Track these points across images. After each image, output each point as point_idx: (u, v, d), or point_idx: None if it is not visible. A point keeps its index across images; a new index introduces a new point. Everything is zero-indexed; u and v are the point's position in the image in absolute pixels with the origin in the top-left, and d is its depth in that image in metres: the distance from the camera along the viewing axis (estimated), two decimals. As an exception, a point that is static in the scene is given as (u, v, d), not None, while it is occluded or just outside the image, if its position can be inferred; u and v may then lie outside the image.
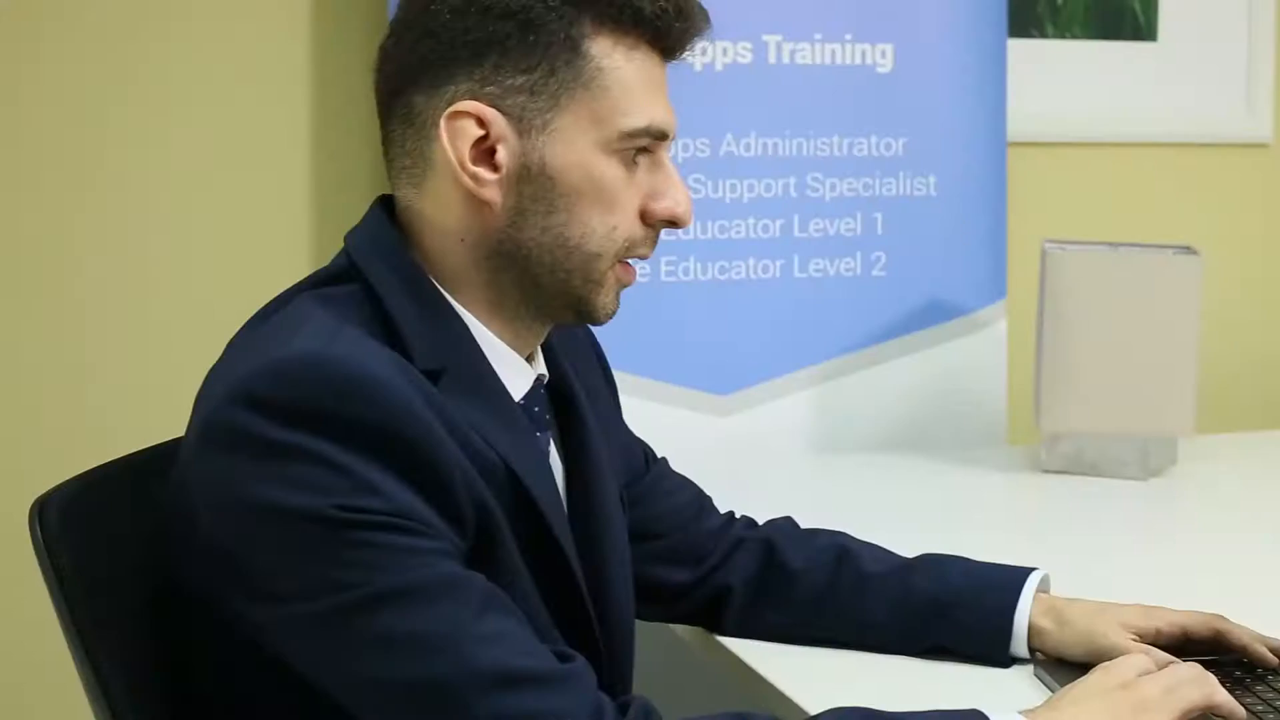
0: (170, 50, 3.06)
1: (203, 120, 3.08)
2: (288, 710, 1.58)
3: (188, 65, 3.07)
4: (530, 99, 1.62)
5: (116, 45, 3.03)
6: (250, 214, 3.12)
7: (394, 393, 1.50)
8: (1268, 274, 3.89)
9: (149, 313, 3.08)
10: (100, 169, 3.04)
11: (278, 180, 3.13)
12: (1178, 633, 1.92)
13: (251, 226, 3.12)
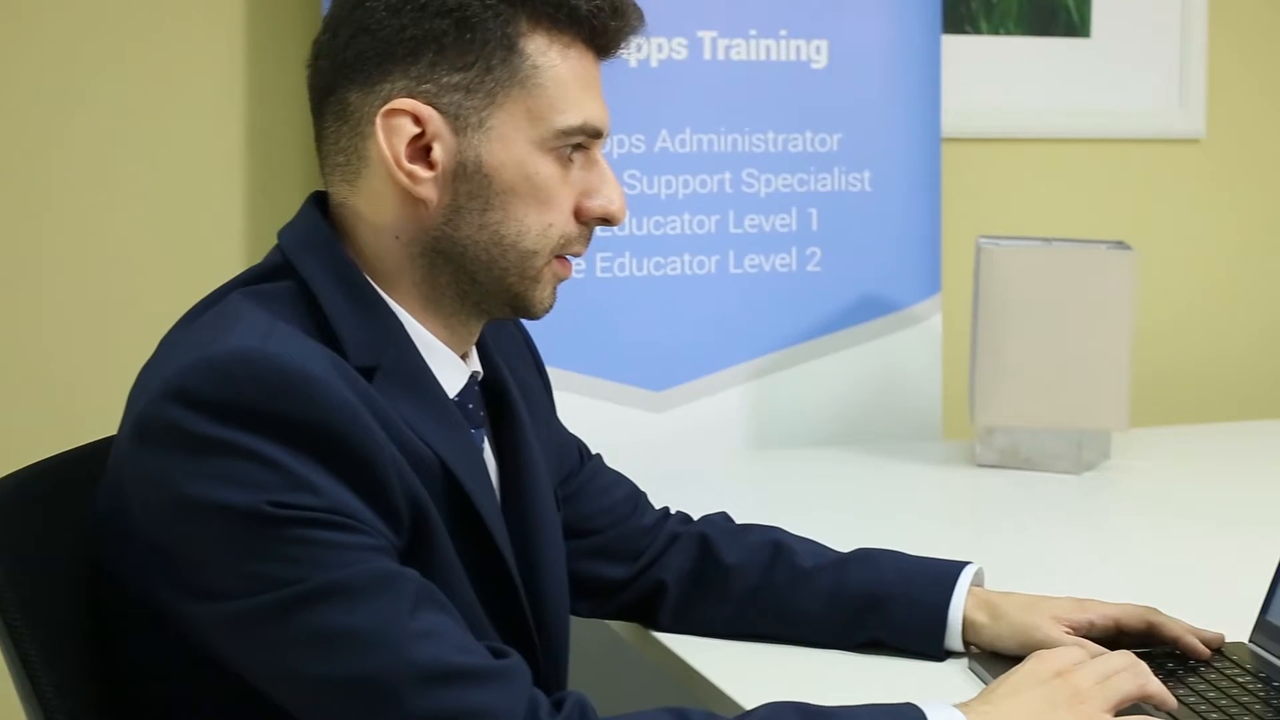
0: (104, 45, 3.04)
1: (136, 116, 3.07)
2: (223, 708, 1.57)
3: (122, 61, 3.06)
4: (466, 97, 1.62)
5: (52, 40, 3.01)
6: (184, 210, 3.11)
7: (328, 389, 1.49)
8: (1201, 269, 3.92)
9: (81, 310, 3.06)
10: (33, 167, 3.02)
11: (211, 176, 3.12)
12: (1110, 625, 1.93)
13: (185, 223, 3.11)
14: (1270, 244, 3.97)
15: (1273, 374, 3.98)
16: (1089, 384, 2.95)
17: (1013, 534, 2.61)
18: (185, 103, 3.10)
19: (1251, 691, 1.81)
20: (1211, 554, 2.47)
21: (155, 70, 3.08)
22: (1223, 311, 3.95)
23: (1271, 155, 3.95)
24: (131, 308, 3.05)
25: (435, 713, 1.45)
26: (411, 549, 1.55)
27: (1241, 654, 1.93)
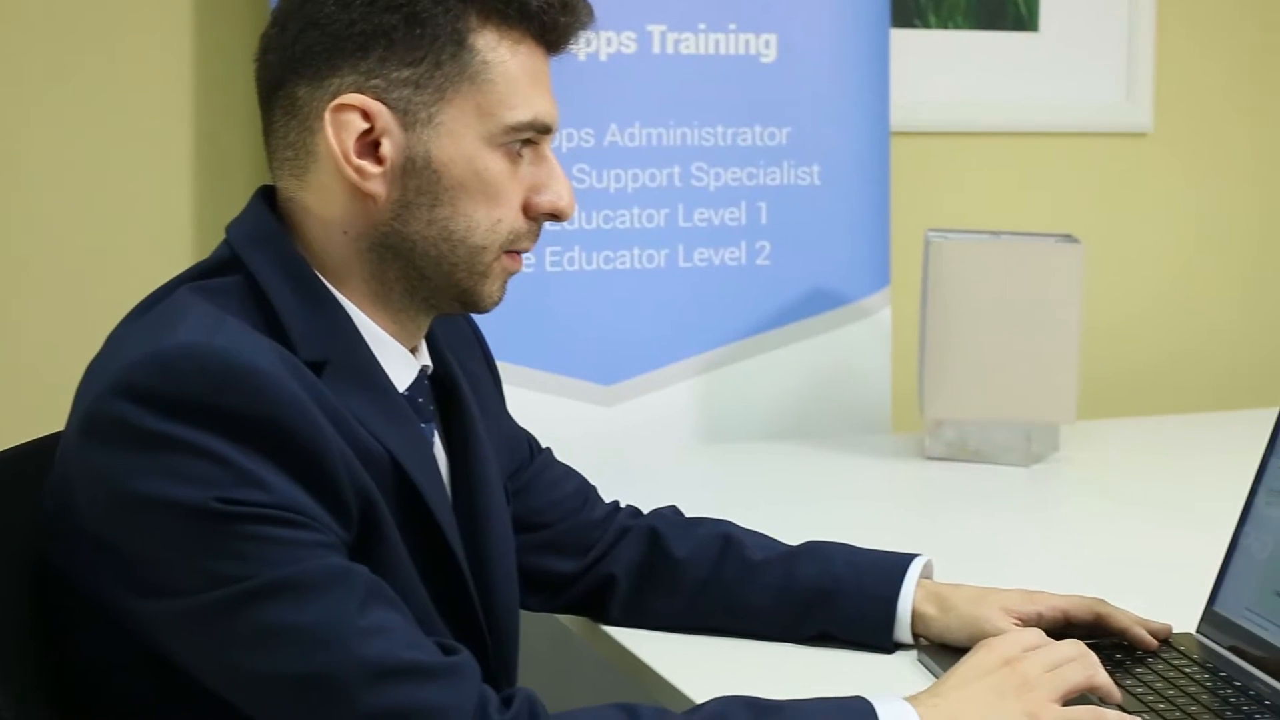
0: (52, 38, 3.03)
1: (84, 110, 3.06)
2: (174, 707, 1.57)
3: (70, 54, 3.04)
4: (415, 92, 1.62)
5: (-4, 34, 3.00)
6: (132, 205, 3.10)
7: (276, 384, 1.49)
8: (1149, 262, 3.94)
9: (29, 305, 3.05)
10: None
11: (160, 171, 3.11)
12: (1059, 616, 1.94)
13: (133, 217, 3.10)
14: (1217, 237, 3.99)
15: (1219, 367, 4.01)
16: (1037, 377, 2.96)
17: (962, 526, 2.62)
18: (134, 97, 3.09)
19: (1199, 682, 1.82)
20: (1159, 545, 2.49)
21: (103, 64, 3.07)
22: (1170, 304, 3.97)
23: (1219, 148, 3.97)
24: (79, 302, 3.04)
25: (385, 709, 1.45)
26: (361, 544, 1.55)
27: (1189, 645, 1.94)
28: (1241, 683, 1.82)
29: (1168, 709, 1.74)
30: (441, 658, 1.50)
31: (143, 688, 1.57)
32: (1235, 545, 1.96)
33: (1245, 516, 1.96)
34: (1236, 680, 1.82)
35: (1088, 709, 1.64)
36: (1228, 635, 1.92)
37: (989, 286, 2.95)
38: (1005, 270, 2.96)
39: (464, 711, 1.47)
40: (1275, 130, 4.02)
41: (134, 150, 3.09)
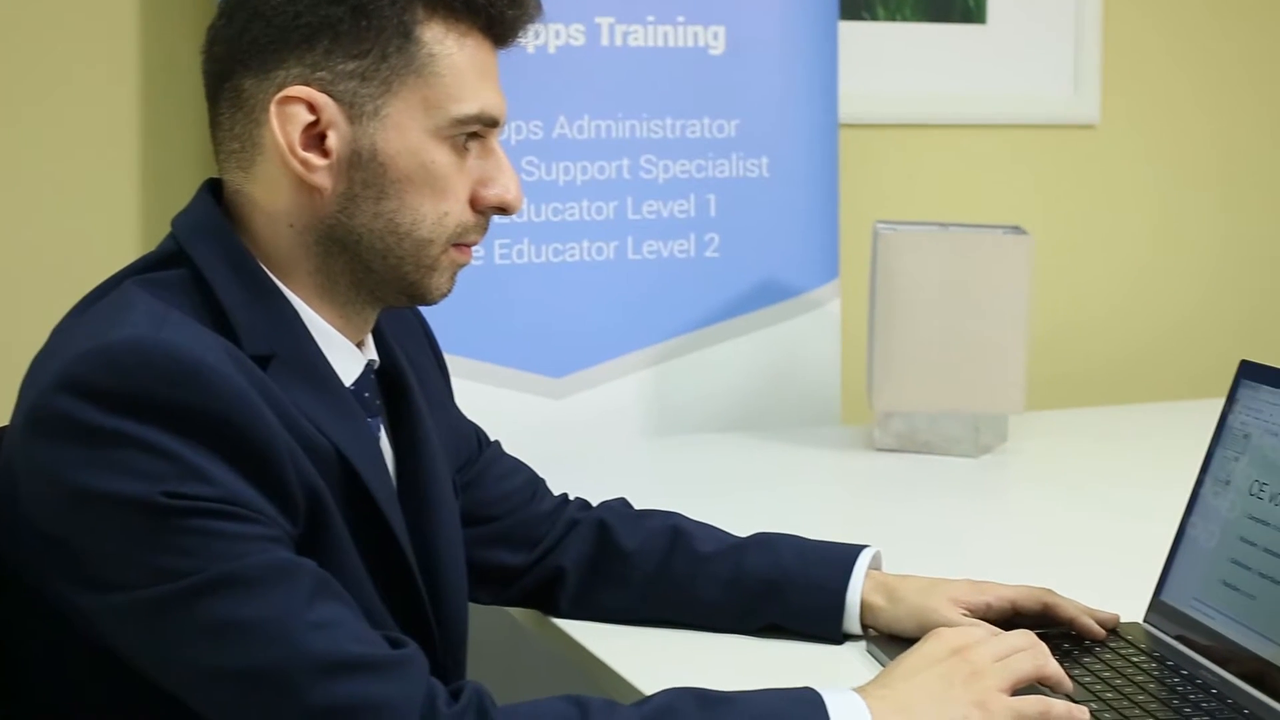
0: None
1: (29, 102, 3.04)
2: (120, 701, 1.56)
3: (14, 47, 3.03)
4: (361, 85, 1.61)
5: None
6: (78, 198, 3.08)
7: (222, 378, 1.48)
8: (1096, 254, 3.95)
9: (-25, 299, 3.03)
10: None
11: (106, 163, 3.10)
12: (1007, 607, 1.95)
13: (79, 211, 3.08)
14: (1163, 228, 4.01)
15: (1165, 357, 4.03)
16: (985, 368, 2.97)
17: (911, 517, 2.62)
18: (79, 89, 3.07)
19: (1146, 671, 1.83)
20: (1107, 535, 2.50)
21: (49, 56, 3.05)
22: (1117, 295, 3.99)
23: (1165, 140, 3.99)
24: (25, 296, 3.03)
25: (332, 704, 1.45)
26: (308, 539, 1.55)
27: (1136, 634, 1.95)
28: (1188, 671, 1.82)
29: (1115, 698, 1.74)
30: (389, 651, 1.50)
31: (90, 682, 1.57)
32: (1182, 535, 1.97)
33: (1192, 506, 1.97)
34: (1183, 669, 1.83)
35: (1035, 699, 1.64)
36: (1175, 624, 1.93)
37: (937, 278, 2.96)
38: (953, 262, 2.97)
39: (412, 705, 1.46)
40: (1221, 122, 4.04)
41: (80, 143, 3.08)
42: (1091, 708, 1.70)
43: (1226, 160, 4.06)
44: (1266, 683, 1.75)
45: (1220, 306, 4.09)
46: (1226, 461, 1.93)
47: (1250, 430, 1.90)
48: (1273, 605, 1.78)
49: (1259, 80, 4.07)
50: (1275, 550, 1.80)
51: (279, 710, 1.46)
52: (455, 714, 1.48)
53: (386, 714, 1.45)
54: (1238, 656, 1.81)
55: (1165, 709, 1.72)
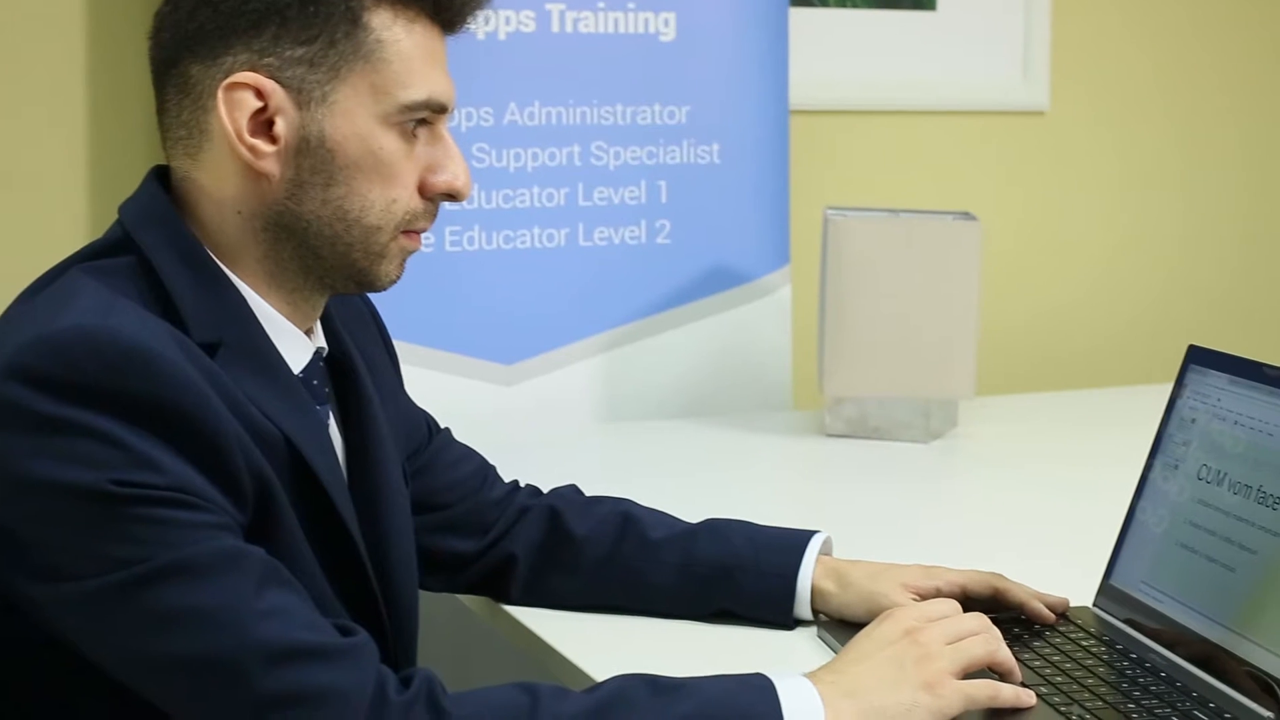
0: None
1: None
2: (71, 690, 1.55)
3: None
4: (309, 71, 1.60)
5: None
6: (25, 185, 3.07)
7: (169, 366, 1.48)
8: (1046, 239, 3.97)
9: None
10: None
11: (53, 150, 3.08)
12: (957, 592, 1.95)
13: (26, 197, 3.07)
14: (1112, 214, 4.02)
15: (1115, 342, 4.04)
16: (936, 353, 2.98)
17: (862, 503, 2.63)
18: (26, 75, 3.06)
19: (1095, 654, 1.84)
20: (1057, 519, 2.51)
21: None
22: (1066, 281, 4.00)
23: (1113, 127, 4.00)
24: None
25: (282, 692, 1.44)
26: (257, 527, 1.54)
27: (1086, 618, 1.95)
28: (1137, 655, 1.83)
29: (1064, 681, 1.75)
30: (339, 639, 1.49)
31: (40, 672, 1.56)
32: (1131, 519, 1.98)
33: (1140, 491, 1.97)
34: (1132, 653, 1.84)
35: (985, 683, 1.65)
36: (1124, 608, 1.94)
37: (888, 264, 2.97)
38: (904, 248, 2.97)
39: (362, 692, 1.46)
40: (1171, 108, 4.06)
41: (28, 129, 3.06)
42: (1040, 691, 1.71)
43: (1176, 146, 4.08)
44: (1214, 666, 1.76)
45: (1170, 293, 4.11)
46: (1175, 446, 1.94)
47: (1198, 415, 1.91)
48: (1221, 589, 1.79)
49: (1208, 66, 4.08)
50: (1223, 534, 1.81)
51: (229, 698, 1.45)
52: (405, 701, 1.48)
53: (336, 701, 1.45)
54: (1186, 640, 1.82)
55: (1114, 692, 1.73)
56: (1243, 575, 1.77)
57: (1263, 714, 1.67)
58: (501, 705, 1.51)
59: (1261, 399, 1.82)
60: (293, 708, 1.45)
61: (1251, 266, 4.20)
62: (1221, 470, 1.85)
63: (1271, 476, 1.77)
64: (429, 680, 1.51)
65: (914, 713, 1.60)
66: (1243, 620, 1.75)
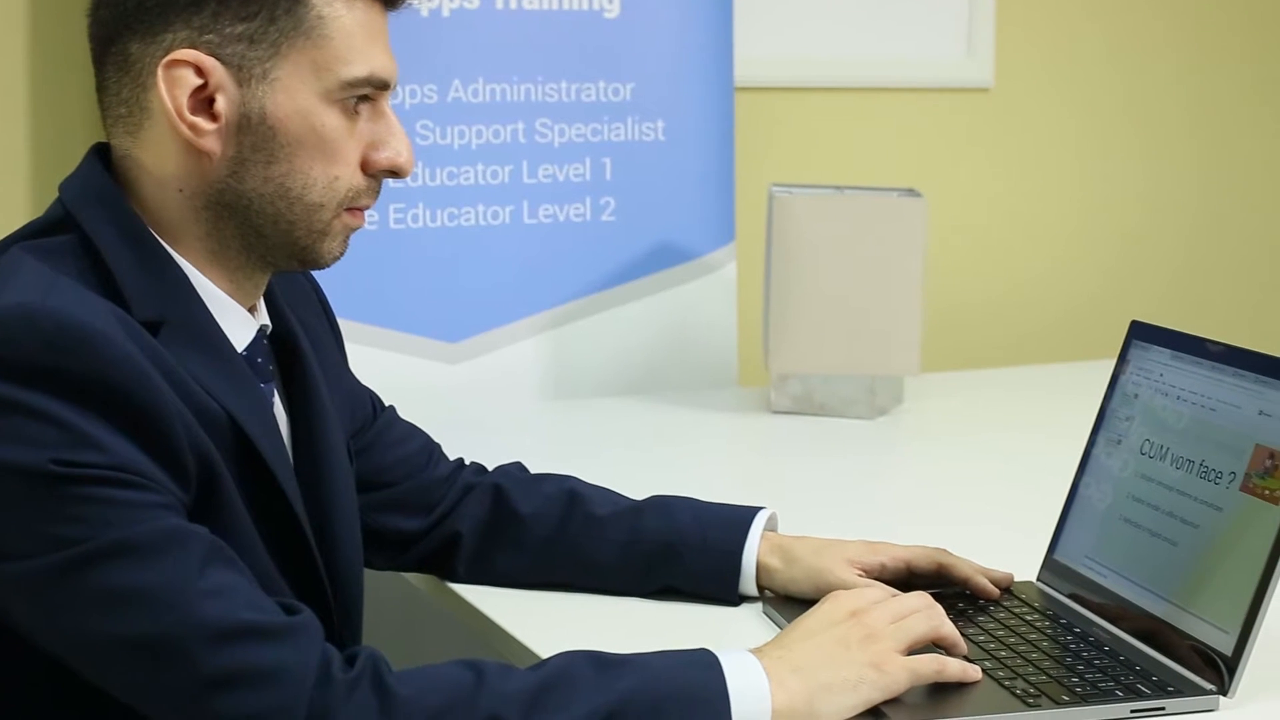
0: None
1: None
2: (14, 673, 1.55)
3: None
4: (250, 48, 1.59)
5: None
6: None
7: (111, 344, 1.47)
8: (990, 216, 3.98)
9: None
10: None
11: (-6, 129, 3.07)
12: (901, 567, 1.96)
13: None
14: (1056, 190, 4.04)
15: (1056, 317, 4.06)
16: (881, 330, 2.98)
17: (807, 479, 2.64)
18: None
19: (1039, 629, 1.84)
20: (1001, 495, 2.52)
21: (-66, 21, 3.02)
22: (1009, 256, 4.02)
23: (1057, 103, 4.01)
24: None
25: (226, 671, 1.44)
26: (200, 506, 1.54)
27: (1030, 593, 1.96)
28: (1081, 629, 1.84)
29: (1009, 656, 1.76)
30: (283, 617, 1.49)
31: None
32: (1074, 495, 1.99)
33: (1084, 466, 1.98)
34: (1076, 627, 1.85)
35: (931, 657, 1.66)
36: (1068, 583, 1.95)
37: (833, 241, 2.97)
38: (849, 225, 2.98)
39: (306, 670, 1.46)
40: (1116, 84, 4.07)
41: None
42: (985, 666, 1.72)
43: (1120, 121, 4.09)
44: (1157, 640, 1.77)
45: (1111, 266, 4.12)
46: (1118, 421, 1.95)
47: (1141, 390, 1.92)
48: (1163, 563, 1.80)
49: (1152, 42, 4.10)
50: (1165, 508, 1.82)
51: (172, 678, 1.45)
52: (350, 680, 1.48)
53: (280, 680, 1.45)
54: (1129, 614, 1.83)
55: (1058, 666, 1.74)
56: (1185, 549, 1.78)
57: (1206, 687, 1.68)
58: (446, 682, 1.51)
59: (1204, 374, 1.83)
60: (237, 687, 1.44)
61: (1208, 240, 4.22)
62: (1164, 445, 1.86)
63: (1214, 451, 1.78)
64: (373, 658, 1.51)
65: (860, 689, 1.61)
66: (1185, 594, 1.76)
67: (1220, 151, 4.21)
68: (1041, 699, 1.65)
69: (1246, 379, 1.77)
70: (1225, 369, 1.80)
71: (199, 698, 1.45)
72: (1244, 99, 4.21)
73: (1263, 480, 1.71)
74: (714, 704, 1.55)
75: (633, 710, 1.52)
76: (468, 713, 1.49)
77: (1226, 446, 1.76)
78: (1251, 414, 1.75)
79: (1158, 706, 1.66)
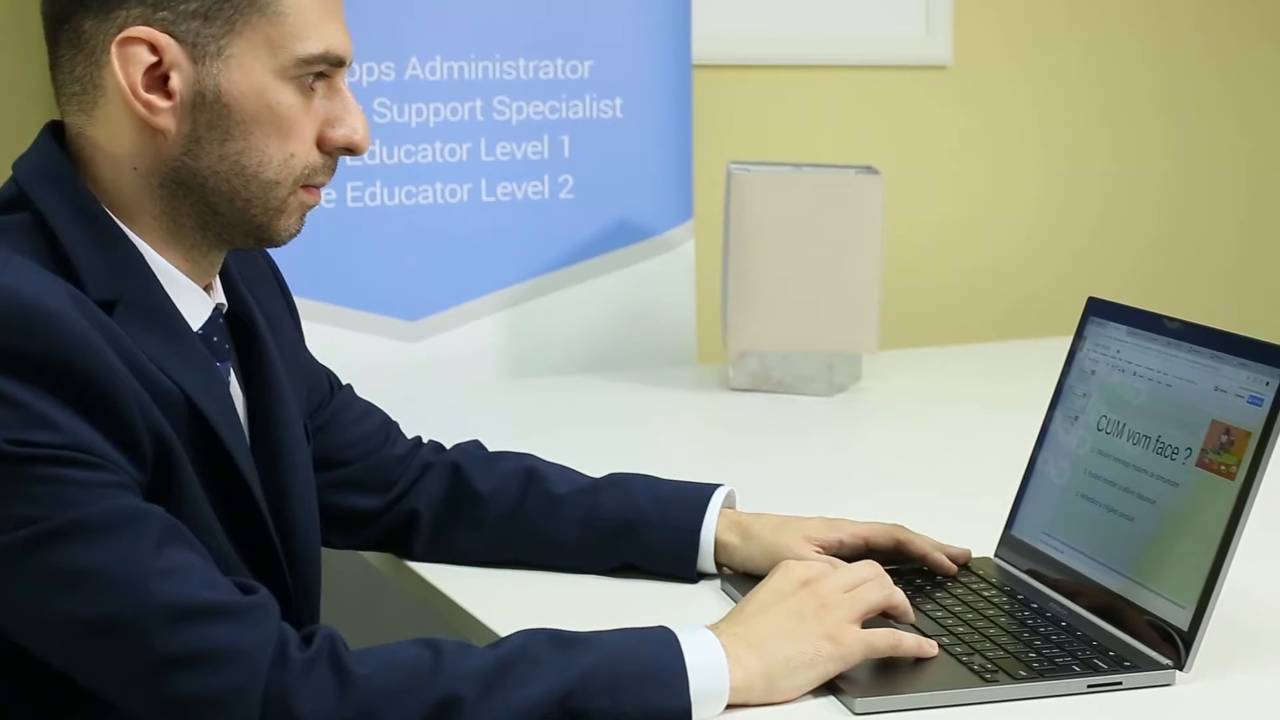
0: None
1: None
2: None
3: None
4: (204, 25, 1.58)
5: None
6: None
7: (66, 323, 1.46)
8: (951, 194, 3.99)
9: None
10: None
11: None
12: (860, 543, 1.97)
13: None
14: (1013, 167, 4.05)
15: (1014, 295, 4.07)
16: (839, 307, 2.99)
17: (765, 456, 2.64)
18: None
19: (996, 604, 1.85)
20: (959, 471, 2.52)
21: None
22: (967, 234, 4.02)
23: (1014, 81, 4.02)
24: None
25: (182, 650, 1.44)
26: (156, 485, 1.53)
27: (987, 568, 1.97)
28: (1038, 605, 1.85)
29: (966, 631, 1.76)
30: (240, 597, 1.49)
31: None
32: (1032, 470, 1.99)
33: (1041, 442, 1.99)
34: (1034, 603, 1.86)
35: (887, 631, 1.66)
36: (1025, 558, 1.95)
37: (791, 218, 2.97)
38: (807, 202, 2.98)
39: (263, 650, 1.46)
40: (1074, 62, 4.08)
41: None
42: (943, 641, 1.72)
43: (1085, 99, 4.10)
44: (1115, 615, 1.78)
45: (1067, 244, 4.13)
46: (1075, 398, 1.95)
47: (1097, 367, 1.93)
48: (1121, 539, 1.81)
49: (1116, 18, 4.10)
50: (1122, 484, 1.83)
51: (129, 658, 1.45)
52: (307, 659, 1.47)
53: (237, 660, 1.45)
54: (1087, 590, 1.83)
55: (1015, 642, 1.74)
56: (1142, 525, 1.79)
57: (1163, 662, 1.69)
58: (404, 661, 1.51)
59: (1160, 350, 1.83)
60: (193, 667, 1.44)
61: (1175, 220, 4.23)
62: (1121, 421, 1.86)
63: (1170, 427, 1.79)
64: (331, 638, 1.51)
65: (816, 662, 1.62)
66: (1142, 570, 1.77)
67: (1189, 129, 4.22)
68: (999, 674, 1.65)
69: (1202, 355, 1.77)
70: (1181, 345, 1.81)
71: (155, 677, 1.44)
72: (1212, 74, 4.22)
73: (1218, 455, 1.71)
74: (672, 681, 1.55)
75: (591, 688, 1.52)
76: (426, 691, 1.48)
77: (1183, 422, 1.77)
78: (1207, 390, 1.75)
79: (1114, 681, 1.67)
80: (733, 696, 1.58)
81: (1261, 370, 1.69)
